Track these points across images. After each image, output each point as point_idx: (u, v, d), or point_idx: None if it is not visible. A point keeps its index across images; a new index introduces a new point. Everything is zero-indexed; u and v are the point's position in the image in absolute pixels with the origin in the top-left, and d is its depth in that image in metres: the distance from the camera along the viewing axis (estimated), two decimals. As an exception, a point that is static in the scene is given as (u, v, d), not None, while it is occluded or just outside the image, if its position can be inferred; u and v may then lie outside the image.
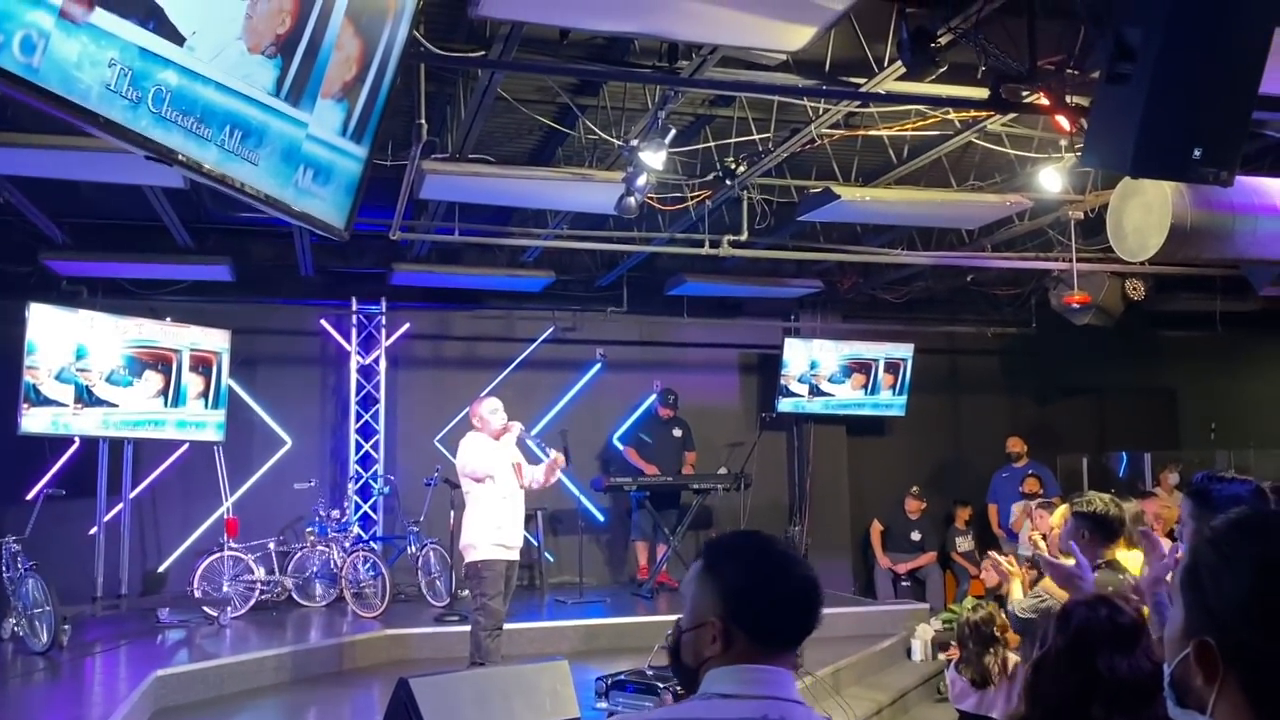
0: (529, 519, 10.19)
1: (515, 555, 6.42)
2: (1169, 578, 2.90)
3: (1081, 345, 11.22)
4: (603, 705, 5.69)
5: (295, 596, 8.91)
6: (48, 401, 8.17)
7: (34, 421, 8.10)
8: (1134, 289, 9.70)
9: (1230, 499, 2.78)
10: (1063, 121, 5.35)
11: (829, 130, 6.60)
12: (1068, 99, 5.14)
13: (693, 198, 7.72)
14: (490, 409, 6.53)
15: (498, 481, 6.31)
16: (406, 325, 10.55)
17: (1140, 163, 4.41)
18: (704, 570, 1.63)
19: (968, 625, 5.11)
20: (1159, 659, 1.90)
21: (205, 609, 8.21)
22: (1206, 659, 1.12)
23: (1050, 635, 2.03)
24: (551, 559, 10.54)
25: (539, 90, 6.56)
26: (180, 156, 2.52)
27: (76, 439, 8.89)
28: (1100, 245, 8.22)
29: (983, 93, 5.25)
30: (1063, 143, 6.75)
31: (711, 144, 7.01)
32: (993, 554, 5.00)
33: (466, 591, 9.80)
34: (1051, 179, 7.11)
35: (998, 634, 5.01)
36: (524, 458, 6.65)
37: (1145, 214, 6.07)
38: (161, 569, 9.71)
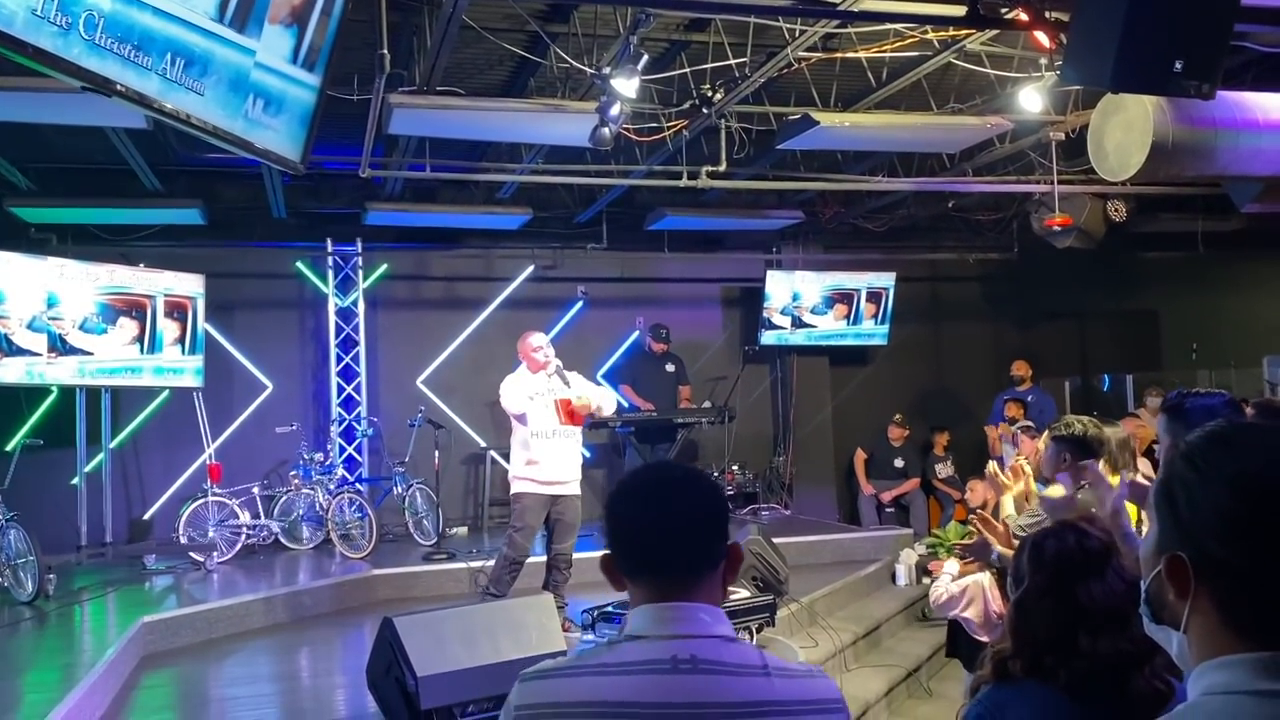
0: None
1: (559, 490, 6.31)
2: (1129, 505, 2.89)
3: (1063, 269, 11.20)
4: (590, 637, 5.72)
5: (282, 540, 8.92)
6: (21, 351, 8.05)
7: (7, 372, 7.99)
8: (1115, 210, 9.64)
9: (1204, 411, 2.76)
10: (1042, 38, 5.25)
11: (806, 53, 6.46)
12: (1047, 14, 5.02)
13: (669, 128, 7.58)
14: (535, 344, 6.44)
15: (538, 416, 6.26)
16: (384, 266, 10.43)
17: (1121, 76, 4.33)
18: None
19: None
20: (1131, 578, 1.89)
21: (191, 555, 8.21)
22: (1179, 574, 1.10)
23: (1026, 571, 2.01)
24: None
25: (507, 18, 6.38)
26: (119, 87, 2.41)
27: (53, 388, 8.80)
28: (1082, 167, 8.14)
29: (960, 9, 5.12)
30: (1043, 61, 6.63)
31: (687, 70, 6.86)
32: (992, 464, 4.97)
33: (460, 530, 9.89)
34: (1032, 99, 7.00)
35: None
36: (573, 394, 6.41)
37: (1126, 132, 5.99)
38: (146, 516, 9.69)
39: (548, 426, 6.31)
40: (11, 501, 7.33)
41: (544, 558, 6.51)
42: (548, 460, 6.29)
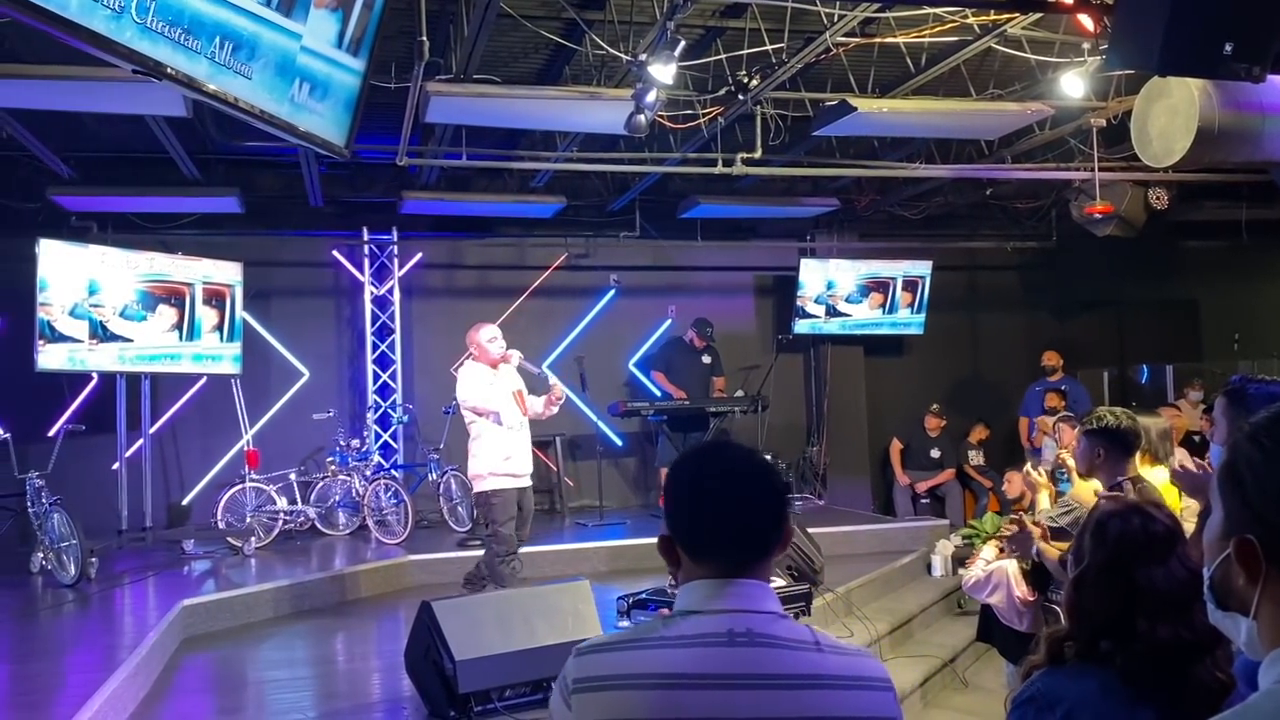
0: (547, 444, 10.32)
1: (526, 482, 6.40)
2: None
3: (1102, 258, 11.05)
4: (625, 624, 5.73)
5: (318, 525, 9.01)
6: (63, 338, 8.18)
7: (50, 358, 8.12)
8: (1157, 198, 9.50)
9: (1265, 397, 2.72)
10: (1086, 21, 5.17)
11: (844, 38, 6.40)
12: (1091, -3, 4.95)
13: (704, 115, 7.54)
14: (488, 337, 6.44)
15: (502, 414, 6.26)
16: (419, 255, 10.48)
17: (1168, 59, 4.25)
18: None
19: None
20: (1194, 566, 1.85)
21: (229, 540, 8.30)
22: (1249, 557, 1.08)
23: (1087, 550, 1.97)
24: (571, 484, 10.60)
25: (544, 5, 6.38)
26: (170, 70, 2.43)
27: (94, 375, 8.93)
28: (1123, 154, 8.03)
29: (1003, -7, 5.06)
30: (1085, 46, 6.54)
31: (723, 56, 6.83)
32: (1027, 465, 4.95)
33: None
34: (1073, 84, 6.91)
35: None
36: (524, 385, 6.56)
37: (1171, 117, 5.89)
38: (185, 502, 9.81)
39: (515, 420, 6.31)
40: (54, 486, 7.45)
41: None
42: (518, 454, 6.29)
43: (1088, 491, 4.41)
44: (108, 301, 8.46)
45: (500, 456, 6.22)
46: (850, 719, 1.46)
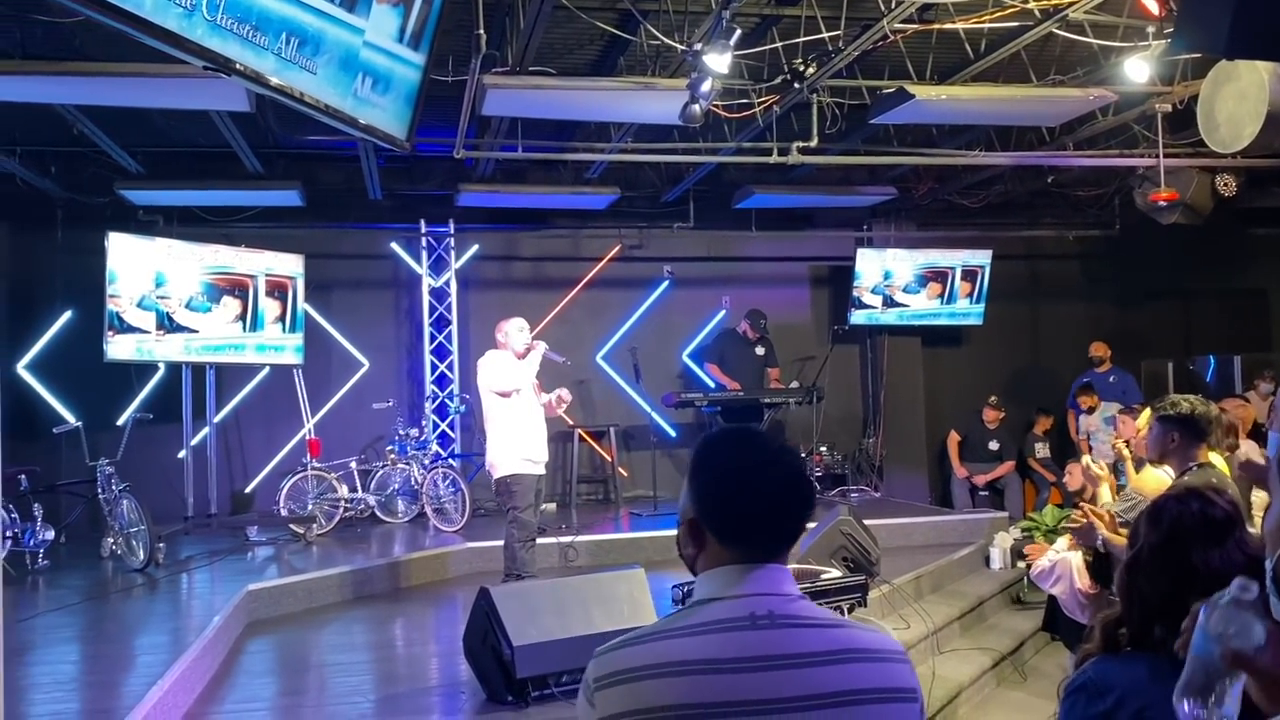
0: (601, 435, 10.38)
1: (542, 469, 6.52)
2: None
3: (1167, 246, 10.82)
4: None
5: (378, 513, 9.16)
6: (131, 329, 8.40)
7: (119, 348, 8.34)
8: (1224, 185, 9.26)
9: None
10: (1150, 4, 5.08)
11: (902, 25, 6.31)
12: (1157, -21, 4.84)
13: (760, 104, 7.51)
14: (517, 327, 6.58)
15: (523, 397, 6.37)
16: (475, 247, 10.58)
17: (1236, 42, 4.13)
18: (689, 467, 1.59)
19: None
20: (1252, 552, 1.82)
21: (292, 527, 8.47)
22: (1315, 545, 1.06)
23: (1142, 532, 1.95)
24: (625, 474, 10.64)
25: (599, -4, 6.40)
26: (239, 66, 2.49)
27: (161, 365, 9.15)
28: (1189, 139, 7.84)
29: (1065, -24, 4.97)
30: (1150, 29, 6.39)
31: (779, 44, 6.78)
32: (1086, 458, 4.88)
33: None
34: (1138, 69, 6.75)
35: None
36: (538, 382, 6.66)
37: (1239, 102, 5.76)
38: (248, 489, 10.03)
39: (534, 405, 6.43)
40: (123, 473, 7.67)
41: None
42: (537, 441, 6.42)
43: (1149, 482, 4.37)
44: (174, 293, 8.67)
45: (519, 441, 6.33)
46: (879, 689, 1.46)
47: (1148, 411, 4.56)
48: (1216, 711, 1.11)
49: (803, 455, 9.70)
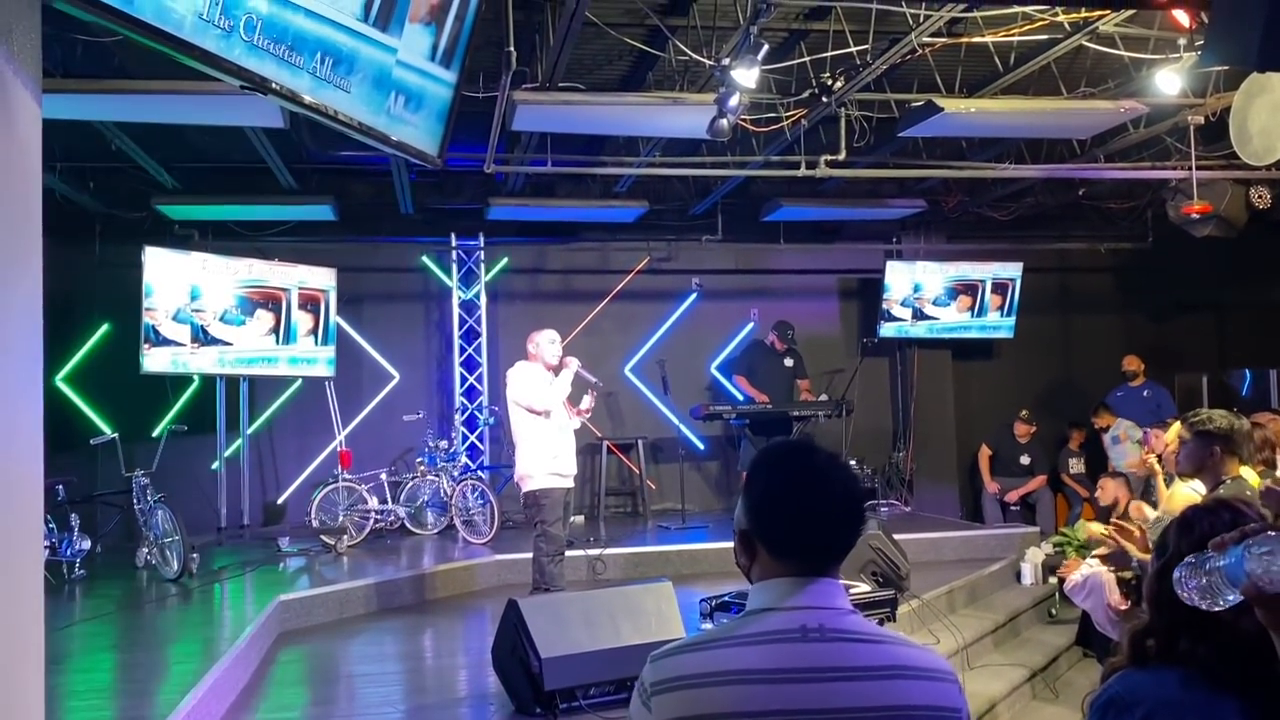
0: (629, 447, 10.40)
1: (571, 483, 6.51)
2: None
3: (1201, 259, 10.70)
4: (707, 626, 5.75)
5: (407, 525, 9.22)
6: (167, 341, 8.52)
7: (155, 361, 8.47)
8: (1259, 197, 9.16)
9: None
10: (1181, 17, 5.05)
11: (930, 39, 6.33)
12: (1188, -9, 4.82)
13: (788, 118, 7.53)
14: (549, 339, 6.56)
15: (556, 415, 6.36)
16: (505, 260, 10.66)
17: (1268, 55, 4.11)
18: (745, 480, 1.63)
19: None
20: None
21: (323, 537, 8.54)
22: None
23: (1172, 542, 1.94)
24: (653, 486, 10.65)
25: (627, 13, 6.45)
26: (275, 85, 2.55)
27: (195, 377, 9.28)
28: (1222, 151, 7.79)
29: (1095, -11, 4.96)
30: (1181, 41, 6.36)
31: (807, 59, 6.81)
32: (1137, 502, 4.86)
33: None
34: (1169, 81, 6.71)
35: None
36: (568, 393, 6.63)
37: (1272, 114, 5.72)
38: (280, 500, 10.13)
39: (565, 420, 6.42)
40: (158, 484, 7.77)
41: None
42: (566, 455, 6.40)
43: (1179, 503, 4.35)
44: (208, 306, 8.80)
45: (549, 455, 6.31)
46: (926, 707, 1.48)
47: (1177, 425, 4.53)
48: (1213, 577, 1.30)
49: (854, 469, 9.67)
